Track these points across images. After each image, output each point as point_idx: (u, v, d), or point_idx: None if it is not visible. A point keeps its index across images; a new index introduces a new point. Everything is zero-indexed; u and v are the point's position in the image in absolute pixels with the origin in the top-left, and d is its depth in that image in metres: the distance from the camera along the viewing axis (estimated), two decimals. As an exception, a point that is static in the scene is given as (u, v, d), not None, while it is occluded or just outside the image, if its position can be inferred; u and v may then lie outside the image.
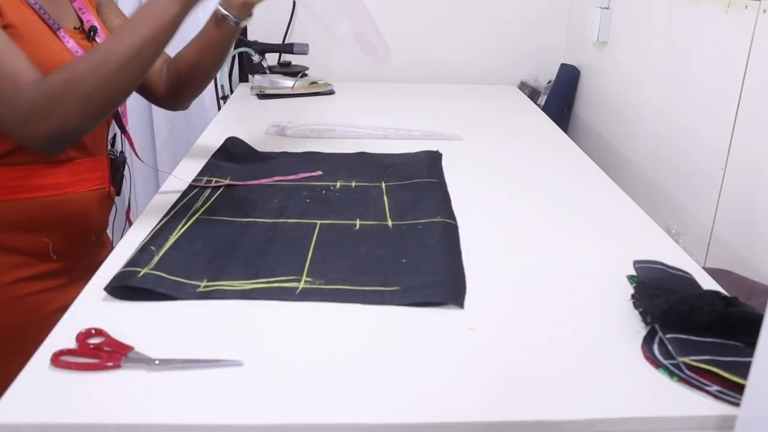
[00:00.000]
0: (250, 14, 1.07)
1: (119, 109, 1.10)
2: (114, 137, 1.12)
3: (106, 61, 0.84)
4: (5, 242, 0.94)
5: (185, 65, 1.13)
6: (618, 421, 0.62)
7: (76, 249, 1.01)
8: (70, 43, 0.95)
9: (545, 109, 1.83)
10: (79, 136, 0.92)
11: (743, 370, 0.58)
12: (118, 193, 1.13)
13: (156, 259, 0.84)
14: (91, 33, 1.01)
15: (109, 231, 1.15)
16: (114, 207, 1.12)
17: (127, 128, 1.14)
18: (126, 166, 1.14)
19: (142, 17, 0.86)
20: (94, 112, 0.87)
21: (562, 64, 1.98)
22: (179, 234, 0.91)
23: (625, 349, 0.71)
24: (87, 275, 0.83)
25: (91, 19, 1.03)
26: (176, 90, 1.17)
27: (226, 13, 1.06)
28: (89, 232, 1.05)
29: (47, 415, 0.60)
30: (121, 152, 1.13)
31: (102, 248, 1.09)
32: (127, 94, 0.90)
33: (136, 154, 1.16)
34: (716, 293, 0.74)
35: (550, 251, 0.93)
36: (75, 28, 1.00)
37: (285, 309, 0.77)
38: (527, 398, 0.63)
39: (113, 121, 1.11)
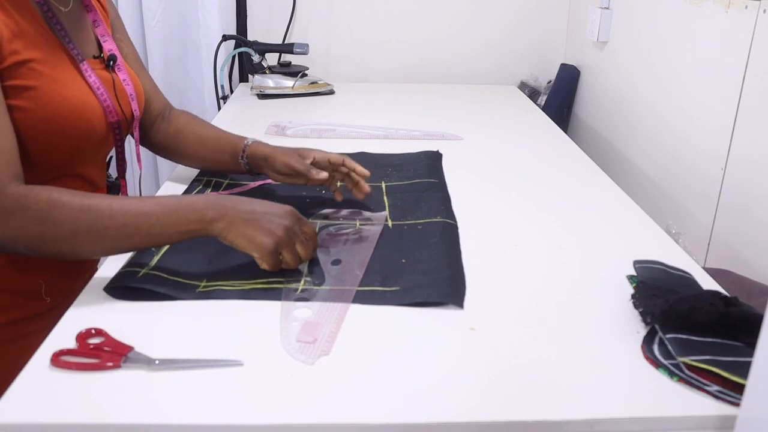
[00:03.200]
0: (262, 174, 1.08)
1: (135, 151, 1.05)
2: (109, 161, 1.07)
3: (94, 219, 0.74)
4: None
5: (186, 153, 1.10)
6: (618, 421, 0.62)
7: (70, 288, 0.90)
8: (92, 78, 0.90)
9: (545, 109, 1.83)
10: (15, 254, 0.79)
11: (743, 370, 0.58)
12: None
13: (156, 259, 0.84)
14: (111, 62, 0.97)
15: None
16: None
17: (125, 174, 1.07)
18: (119, 190, 1.07)
19: (159, 207, 0.76)
20: (46, 252, 0.76)
21: (562, 64, 1.98)
22: (179, 234, 0.91)
23: (625, 349, 0.71)
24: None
25: (112, 48, 0.98)
26: (161, 147, 1.12)
27: (246, 161, 1.06)
28: (84, 270, 0.98)
29: (47, 415, 0.60)
30: (117, 178, 1.07)
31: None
32: (90, 258, 0.77)
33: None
34: (716, 293, 0.74)
35: (550, 251, 0.93)
36: (94, 56, 0.96)
37: (285, 309, 0.77)
38: (527, 398, 0.63)
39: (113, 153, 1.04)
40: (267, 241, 0.78)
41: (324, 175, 0.99)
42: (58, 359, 0.66)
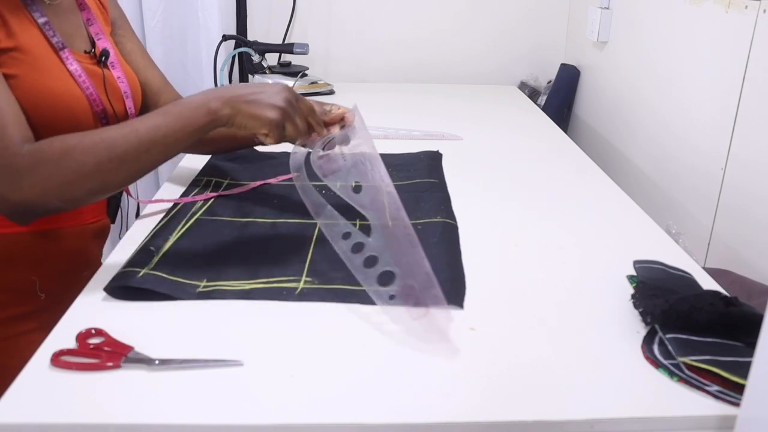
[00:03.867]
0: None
1: None
2: None
3: (110, 147, 0.77)
4: None
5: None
6: (618, 421, 0.62)
7: (66, 286, 0.88)
8: (73, 66, 0.89)
9: (545, 109, 1.83)
10: (51, 213, 0.84)
11: (743, 370, 0.58)
12: (113, 222, 1.07)
13: (156, 259, 0.84)
14: (103, 57, 0.96)
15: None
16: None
17: None
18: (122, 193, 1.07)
19: (166, 117, 0.80)
20: (79, 195, 0.79)
21: (562, 64, 1.98)
22: (179, 234, 0.91)
23: (625, 349, 0.71)
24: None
25: (106, 46, 0.98)
26: None
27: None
28: (81, 267, 0.97)
29: (47, 415, 0.60)
30: None
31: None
32: (120, 188, 0.81)
33: (128, 194, 1.09)
34: (716, 293, 0.74)
35: (550, 251, 0.93)
36: (85, 51, 0.95)
37: (285, 309, 0.77)
38: (527, 398, 0.63)
39: None
40: (273, 115, 0.82)
41: (339, 113, 0.98)
42: (58, 359, 0.66)
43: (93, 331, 0.70)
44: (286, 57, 1.86)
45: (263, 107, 0.82)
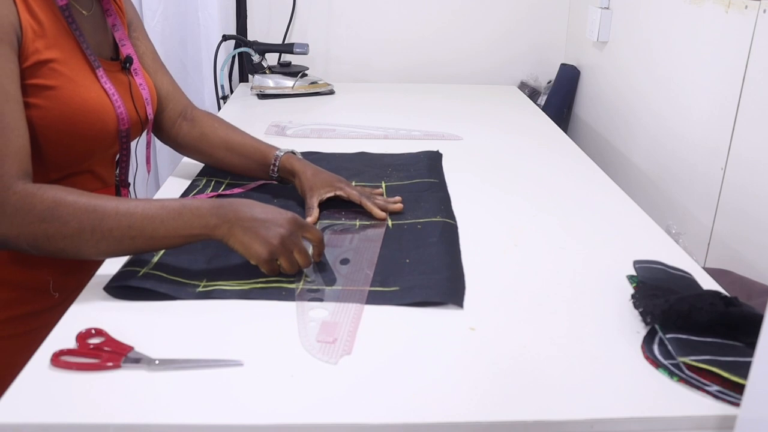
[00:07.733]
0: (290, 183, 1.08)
1: (145, 153, 1.08)
2: (117, 161, 1.05)
3: (100, 219, 0.75)
4: (3, 276, 0.88)
5: (212, 156, 1.12)
6: (618, 421, 0.62)
7: (79, 285, 0.86)
8: (107, 85, 0.91)
9: (545, 109, 1.83)
10: (7, 249, 0.82)
11: (743, 370, 0.58)
12: None
13: (156, 259, 0.84)
14: (126, 64, 0.99)
15: None
16: None
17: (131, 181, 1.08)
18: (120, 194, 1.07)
19: (163, 210, 0.77)
20: (50, 250, 0.77)
21: (562, 64, 1.98)
22: (179, 234, 0.91)
23: (625, 349, 0.71)
24: None
25: (130, 52, 1.00)
26: (184, 147, 1.13)
27: (277, 174, 1.08)
28: (92, 266, 0.98)
29: (47, 415, 0.60)
30: (120, 182, 1.06)
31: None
32: (90, 259, 0.80)
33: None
34: (716, 293, 0.74)
35: (550, 251, 0.93)
36: (111, 59, 0.98)
37: (285, 309, 0.77)
38: (527, 398, 0.63)
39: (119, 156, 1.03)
40: (261, 250, 0.79)
41: (378, 215, 0.99)
42: (58, 359, 0.66)
43: (93, 331, 0.70)
44: (286, 57, 1.86)
45: (256, 239, 0.79)
